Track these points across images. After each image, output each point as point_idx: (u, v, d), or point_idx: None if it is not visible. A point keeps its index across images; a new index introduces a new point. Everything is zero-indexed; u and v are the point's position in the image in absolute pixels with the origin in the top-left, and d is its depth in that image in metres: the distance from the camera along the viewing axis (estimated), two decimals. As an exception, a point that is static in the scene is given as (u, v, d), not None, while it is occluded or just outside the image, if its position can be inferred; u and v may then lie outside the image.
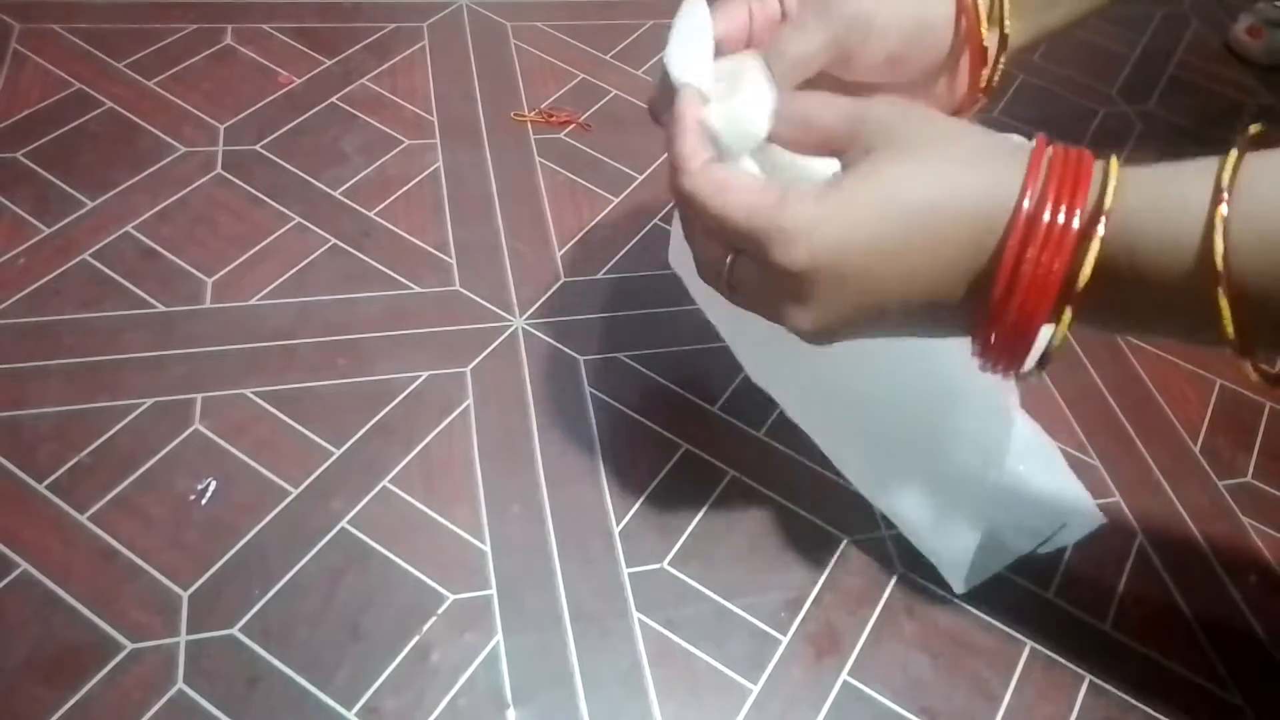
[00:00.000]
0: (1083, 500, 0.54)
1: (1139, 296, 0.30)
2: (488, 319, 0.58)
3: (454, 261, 0.61)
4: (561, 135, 0.71)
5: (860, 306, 0.33)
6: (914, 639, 0.48)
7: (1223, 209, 0.28)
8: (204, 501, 0.48)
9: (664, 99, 0.38)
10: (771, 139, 0.36)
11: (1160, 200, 0.30)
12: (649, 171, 0.69)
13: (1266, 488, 0.58)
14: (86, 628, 0.43)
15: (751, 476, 0.53)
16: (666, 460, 0.53)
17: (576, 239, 0.64)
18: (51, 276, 0.56)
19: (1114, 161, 0.31)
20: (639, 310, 0.60)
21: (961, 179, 0.32)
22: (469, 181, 0.66)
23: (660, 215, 0.66)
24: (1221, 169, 0.29)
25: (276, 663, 0.43)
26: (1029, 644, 0.48)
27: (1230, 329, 0.29)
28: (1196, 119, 0.86)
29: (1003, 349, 0.33)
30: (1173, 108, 0.87)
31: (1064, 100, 0.85)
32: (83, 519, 0.46)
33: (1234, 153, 0.29)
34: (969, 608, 0.49)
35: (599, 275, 0.62)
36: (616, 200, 0.67)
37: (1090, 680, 0.48)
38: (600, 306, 0.60)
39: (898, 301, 0.33)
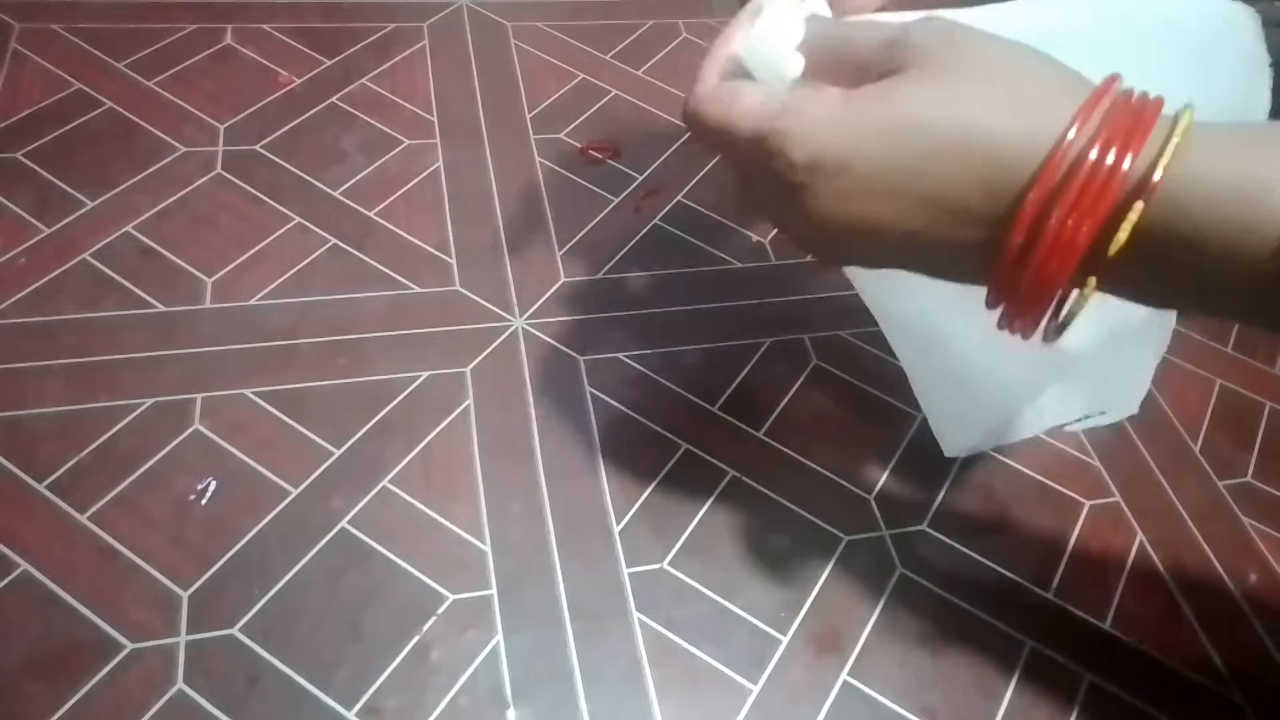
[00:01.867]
0: (1138, 390, 0.51)
1: (1188, 272, 0.27)
2: (488, 319, 0.58)
3: (454, 261, 0.61)
4: (562, 135, 0.71)
5: (858, 228, 0.31)
6: (914, 639, 0.48)
7: None
8: (204, 501, 0.48)
9: None
10: (809, 71, 0.33)
11: (1239, 174, 0.26)
12: (649, 171, 0.69)
13: (1266, 488, 0.58)
14: (86, 627, 0.43)
15: (751, 476, 0.53)
16: (666, 460, 0.53)
17: (576, 239, 0.64)
18: (51, 276, 0.56)
19: (1188, 114, 0.27)
20: (639, 310, 0.60)
21: (992, 109, 0.28)
22: (469, 181, 0.66)
23: (660, 215, 0.66)
24: None
25: (276, 663, 0.43)
26: (1029, 644, 0.48)
27: None
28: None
29: (1015, 311, 0.30)
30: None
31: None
32: (83, 519, 0.46)
33: None
34: (969, 608, 0.49)
35: (599, 275, 0.62)
36: (616, 200, 0.67)
37: (1090, 680, 0.48)
38: (600, 306, 0.60)
39: (901, 232, 0.30)
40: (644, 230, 0.65)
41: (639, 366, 0.57)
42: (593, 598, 0.47)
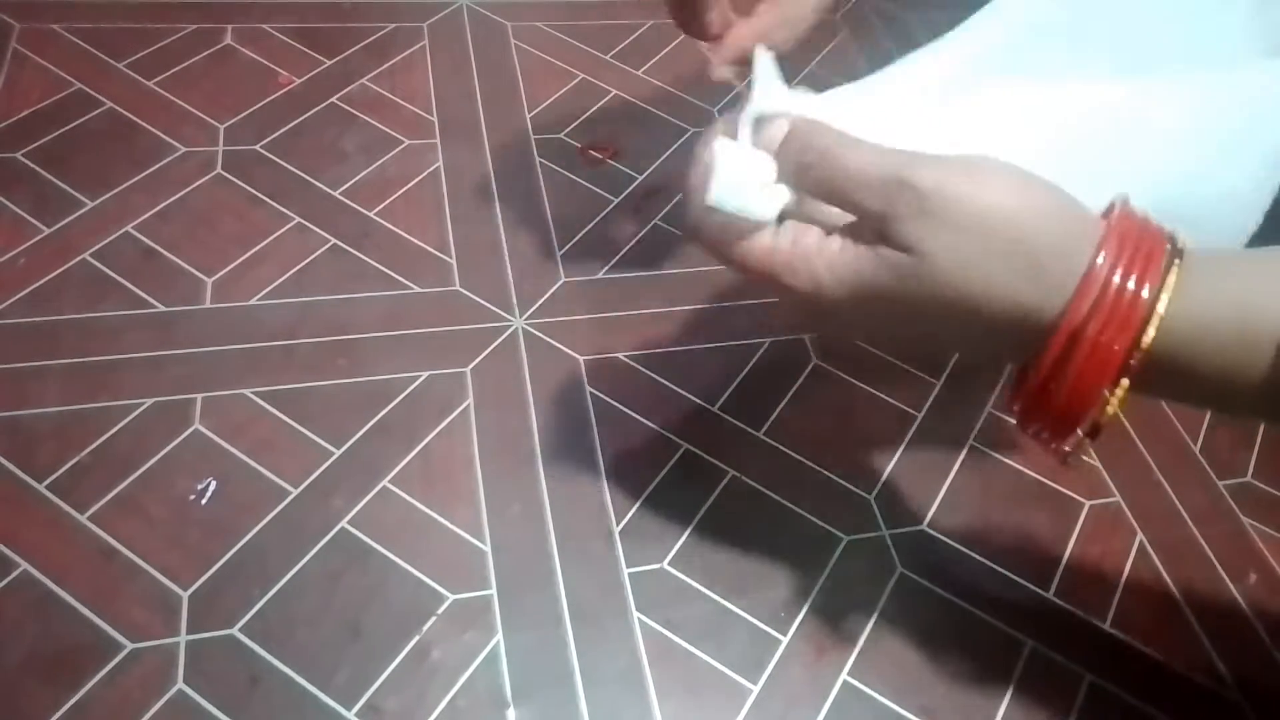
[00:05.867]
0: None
1: (1200, 384, 0.30)
2: (488, 319, 0.58)
3: (454, 261, 0.61)
4: (562, 135, 0.71)
5: (896, 346, 0.35)
6: (914, 639, 0.48)
7: None
8: (204, 501, 0.48)
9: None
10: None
11: (1231, 297, 0.29)
12: (649, 171, 0.69)
13: (1266, 488, 0.58)
14: (86, 628, 0.43)
15: (751, 476, 0.53)
16: (666, 460, 0.53)
17: (576, 239, 0.64)
18: (51, 276, 0.56)
19: (1180, 242, 0.30)
20: (639, 310, 0.60)
21: (1008, 282, 0.30)
22: (469, 181, 0.66)
23: (660, 215, 0.66)
24: None
25: (276, 663, 0.43)
26: (1029, 644, 0.48)
27: None
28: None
29: (1049, 425, 0.32)
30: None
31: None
32: (83, 519, 0.46)
33: None
34: (969, 608, 0.49)
35: (599, 275, 0.62)
36: (616, 200, 0.67)
37: (1090, 680, 0.48)
38: (600, 306, 0.60)
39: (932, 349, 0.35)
40: (644, 230, 0.65)
41: (639, 366, 0.57)
42: (593, 598, 0.47)
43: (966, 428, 0.57)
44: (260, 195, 0.63)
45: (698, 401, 0.56)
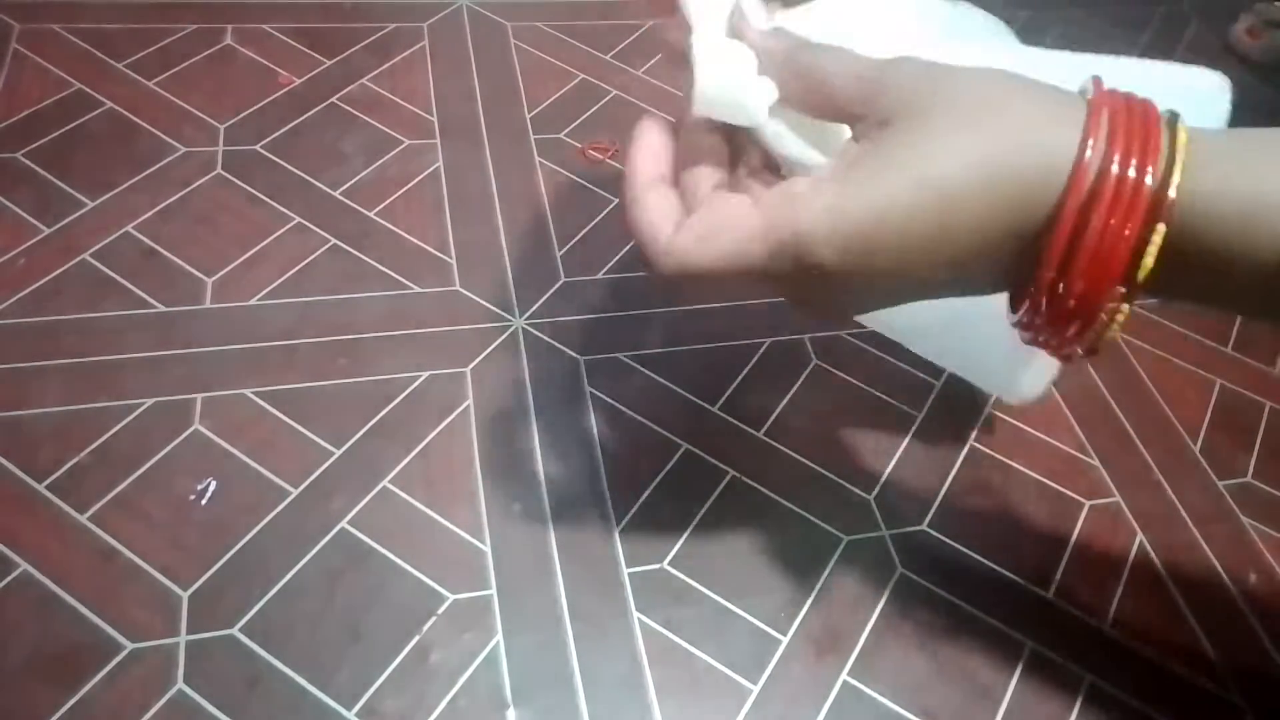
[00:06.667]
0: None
1: (1212, 275, 0.28)
2: (488, 319, 0.58)
3: (454, 261, 0.61)
4: (562, 135, 0.71)
5: (898, 293, 0.30)
6: (914, 639, 0.48)
7: None
8: (204, 501, 0.48)
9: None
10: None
11: (1245, 174, 0.27)
12: (649, 171, 0.69)
13: (1266, 488, 0.58)
14: (86, 628, 0.43)
15: (751, 476, 0.53)
16: (666, 460, 0.53)
17: (576, 239, 0.64)
18: (51, 276, 0.56)
19: (1184, 131, 0.27)
20: (639, 310, 0.60)
21: (1003, 143, 0.27)
22: (469, 181, 0.66)
23: (660, 215, 0.66)
24: None
25: (276, 663, 0.43)
26: (1029, 644, 0.48)
27: None
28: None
29: (1055, 326, 0.29)
30: (1173, 108, 0.87)
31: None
32: (83, 519, 0.46)
33: None
34: (969, 608, 0.49)
35: (599, 275, 0.62)
36: (616, 200, 0.67)
37: (1090, 680, 0.48)
38: (600, 306, 0.60)
39: (936, 284, 0.30)
40: (644, 230, 0.65)
41: (639, 366, 0.57)
42: (593, 598, 0.47)
43: (966, 428, 0.57)
44: (260, 195, 0.63)
45: (698, 401, 0.56)
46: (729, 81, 0.31)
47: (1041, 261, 0.28)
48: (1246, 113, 0.42)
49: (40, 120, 0.65)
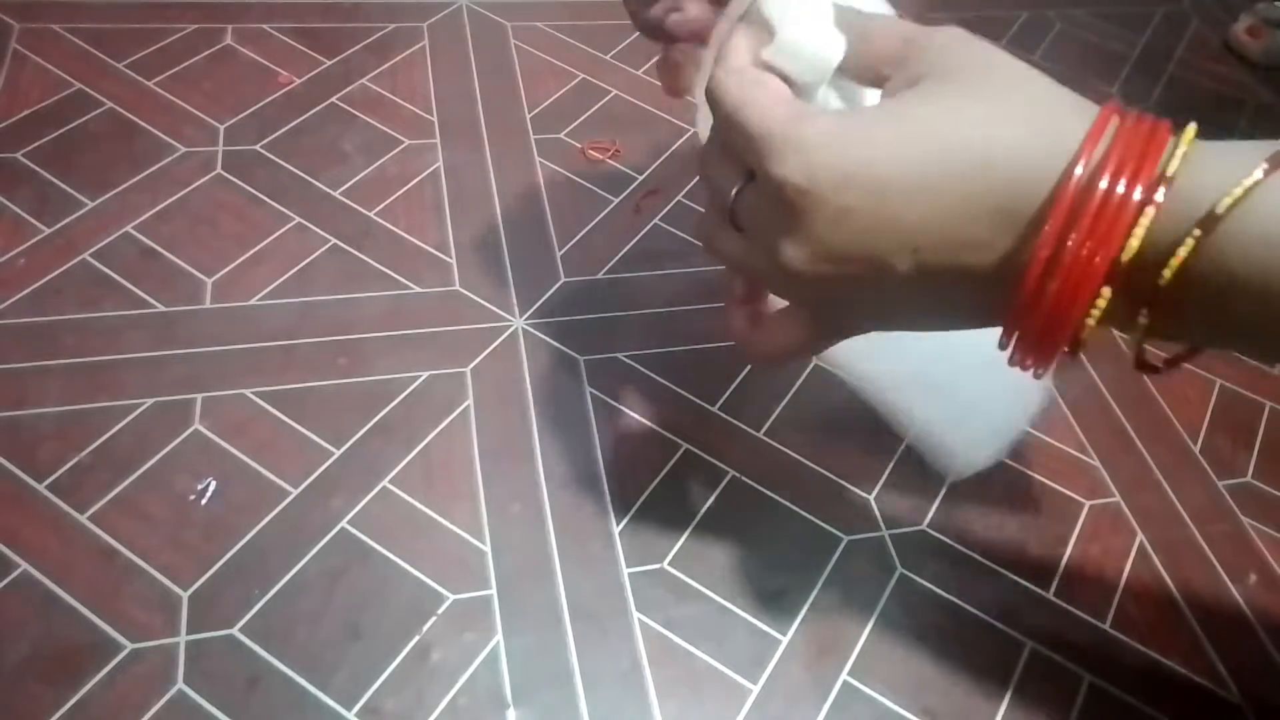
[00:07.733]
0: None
1: (1219, 301, 0.26)
2: (488, 319, 0.58)
3: (454, 261, 0.61)
4: (562, 135, 0.71)
5: (861, 254, 0.29)
6: (914, 639, 0.48)
7: None
8: (204, 501, 0.48)
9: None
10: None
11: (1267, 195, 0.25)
12: (649, 171, 0.69)
13: (1266, 488, 0.58)
14: (86, 628, 0.43)
15: (751, 476, 0.53)
16: (666, 460, 0.53)
17: (576, 239, 0.64)
18: (51, 276, 0.56)
19: (1189, 130, 0.27)
20: (639, 310, 0.60)
21: (1010, 126, 0.27)
22: (469, 181, 0.66)
23: (660, 215, 0.66)
24: None
25: (276, 663, 0.43)
26: (1029, 644, 0.48)
27: None
28: (1196, 119, 0.86)
29: (1031, 344, 0.29)
30: (1172, 107, 0.86)
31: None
32: (83, 519, 0.46)
33: None
34: (969, 608, 0.49)
35: (599, 275, 0.62)
36: (616, 200, 0.67)
37: (1090, 680, 0.48)
38: (600, 306, 0.60)
39: (909, 257, 0.28)
40: (644, 230, 0.65)
41: (639, 366, 0.57)
42: (592, 598, 0.47)
43: (966, 428, 0.57)
44: (260, 195, 0.63)
45: (698, 401, 0.56)
46: (812, 33, 0.32)
47: (1023, 276, 0.27)
48: (1247, 112, 0.43)
49: (40, 120, 0.65)
